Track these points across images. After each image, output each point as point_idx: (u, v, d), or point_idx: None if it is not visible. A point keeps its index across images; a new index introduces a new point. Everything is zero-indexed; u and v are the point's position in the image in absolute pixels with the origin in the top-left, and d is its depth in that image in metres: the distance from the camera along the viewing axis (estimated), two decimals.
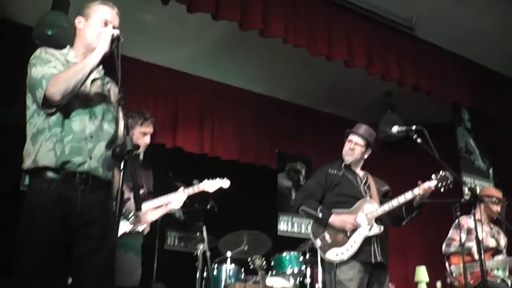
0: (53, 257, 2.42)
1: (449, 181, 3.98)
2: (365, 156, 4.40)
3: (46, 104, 2.49)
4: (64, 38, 4.81)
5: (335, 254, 4.00)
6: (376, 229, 4.02)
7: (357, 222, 4.02)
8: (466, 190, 6.47)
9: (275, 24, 5.08)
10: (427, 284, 7.02)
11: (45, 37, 4.86)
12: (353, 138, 4.34)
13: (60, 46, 4.80)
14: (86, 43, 2.71)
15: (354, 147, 4.31)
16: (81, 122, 2.59)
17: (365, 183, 4.30)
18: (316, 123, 7.89)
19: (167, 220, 6.53)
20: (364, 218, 4.05)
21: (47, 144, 2.51)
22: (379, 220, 4.08)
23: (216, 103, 7.03)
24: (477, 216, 4.86)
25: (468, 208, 4.60)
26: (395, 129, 3.99)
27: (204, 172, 4.77)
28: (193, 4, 4.67)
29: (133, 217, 3.97)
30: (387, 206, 4.05)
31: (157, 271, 5.22)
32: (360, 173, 4.39)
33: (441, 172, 4.02)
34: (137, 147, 2.58)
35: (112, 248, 2.16)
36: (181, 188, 4.35)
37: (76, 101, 2.59)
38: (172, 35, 5.99)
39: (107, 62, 2.64)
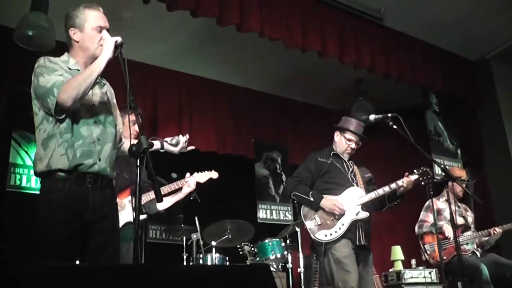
0: (72, 248, 2.60)
1: (429, 176, 4.26)
2: None
3: (58, 110, 2.60)
4: (45, 38, 4.84)
5: (324, 235, 4.24)
6: (363, 215, 4.27)
7: (346, 207, 4.24)
8: (436, 171, 6.73)
9: (252, 19, 5.16)
10: (403, 262, 7.31)
11: (26, 37, 4.86)
12: (354, 138, 4.49)
13: (41, 46, 4.86)
14: (88, 54, 2.80)
15: (356, 147, 4.50)
16: (88, 127, 2.73)
17: (352, 171, 4.50)
18: (291, 111, 8.02)
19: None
20: (352, 204, 4.28)
21: (59, 149, 2.65)
22: (364, 206, 4.32)
23: (194, 97, 7.09)
24: (448, 196, 5.08)
25: (435, 190, 4.85)
26: (372, 117, 4.34)
27: (182, 165, 4.83)
28: (173, 2, 4.71)
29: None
30: (373, 194, 4.31)
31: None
32: (348, 161, 4.58)
33: (422, 168, 4.31)
34: (151, 145, 2.71)
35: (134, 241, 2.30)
36: (188, 174, 4.71)
37: (81, 107, 2.72)
38: (149, 31, 6.02)
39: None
